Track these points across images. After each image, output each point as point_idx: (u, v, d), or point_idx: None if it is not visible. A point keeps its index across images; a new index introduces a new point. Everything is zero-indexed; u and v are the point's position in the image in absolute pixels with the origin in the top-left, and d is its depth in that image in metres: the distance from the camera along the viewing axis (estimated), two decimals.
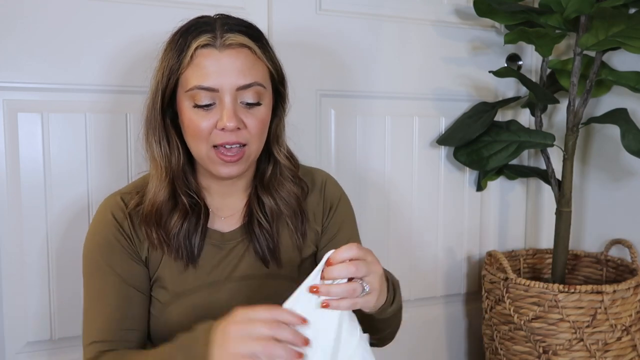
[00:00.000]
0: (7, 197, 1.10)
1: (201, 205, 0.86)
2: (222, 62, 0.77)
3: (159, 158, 0.84)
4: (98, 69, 1.14)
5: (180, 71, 0.79)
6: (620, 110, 1.32)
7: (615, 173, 1.49)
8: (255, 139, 0.82)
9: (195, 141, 0.81)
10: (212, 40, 0.78)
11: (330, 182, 0.98)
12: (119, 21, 1.15)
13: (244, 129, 0.80)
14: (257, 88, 0.80)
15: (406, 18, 1.43)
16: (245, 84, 0.78)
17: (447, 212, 1.54)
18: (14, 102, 1.09)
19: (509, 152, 1.40)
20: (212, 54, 0.78)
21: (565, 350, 1.26)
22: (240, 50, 0.79)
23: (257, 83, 0.80)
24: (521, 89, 1.57)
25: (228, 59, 0.78)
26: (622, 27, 1.22)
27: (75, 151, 1.14)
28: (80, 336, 1.19)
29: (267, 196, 0.89)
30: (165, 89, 0.81)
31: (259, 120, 0.81)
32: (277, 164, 0.89)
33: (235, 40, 0.78)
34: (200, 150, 0.81)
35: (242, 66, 0.78)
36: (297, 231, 0.90)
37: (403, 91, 1.46)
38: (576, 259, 1.54)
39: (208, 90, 0.78)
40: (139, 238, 0.85)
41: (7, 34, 1.08)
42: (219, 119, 0.78)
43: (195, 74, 0.78)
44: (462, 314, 1.62)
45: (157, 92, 0.82)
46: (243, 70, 0.78)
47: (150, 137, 0.84)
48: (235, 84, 0.78)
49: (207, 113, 0.79)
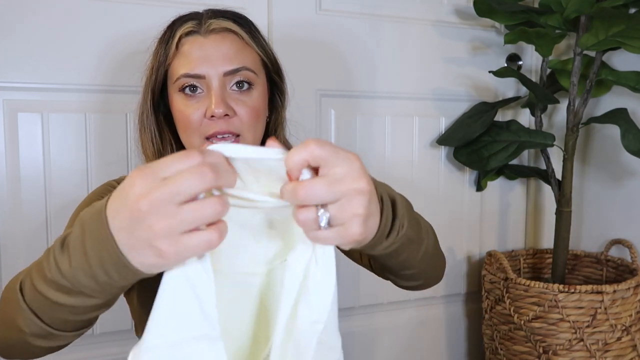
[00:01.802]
0: (7, 197, 1.10)
1: None
2: (206, 47, 0.75)
3: (151, 155, 0.81)
4: (98, 69, 1.14)
5: (167, 62, 0.77)
6: (620, 110, 1.32)
7: (615, 173, 1.49)
8: (248, 129, 0.76)
9: (187, 134, 0.77)
10: (197, 26, 0.76)
11: None
12: (119, 21, 1.15)
13: (235, 116, 0.75)
14: (245, 73, 0.76)
15: (406, 18, 1.43)
16: (232, 69, 0.75)
17: (447, 212, 1.54)
18: (14, 102, 1.10)
19: (509, 152, 1.40)
20: (196, 40, 0.75)
21: (565, 350, 1.26)
22: (225, 35, 0.76)
23: (246, 67, 0.76)
24: (521, 89, 1.57)
25: (212, 43, 0.75)
26: (622, 27, 1.22)
27: (75, 151, 1.14)
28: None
29: None
30: (155, 83, 0.79)
31: (250, 108, 0.76)
32: None
33: (219, 24, 0.76)
34: (193, 143, 0.77)
35: (228, 51, 0.75)
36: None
37: (403, 91, 1.46)
38: (576, 259, 1.54)
39: (195, 78, 0.75)
40: None
41: (7, 34, 1.08)
42: (207, 107, 0.74)
43: (182, 63, 0.75)
44: (462, 314, 1.62)
45: (147, 88, 0.80)
46: (229, 55, 0.75)
47: (143, 134, 0.82)
48: (221, 68, 0.74)
49: (197, 103, 0.75)
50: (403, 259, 0.64)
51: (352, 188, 0.45)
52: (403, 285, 0.74)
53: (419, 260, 0.66)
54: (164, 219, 0.41)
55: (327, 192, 0.44)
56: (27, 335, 0.52)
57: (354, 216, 0.45)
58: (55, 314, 0.50)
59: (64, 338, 0.54)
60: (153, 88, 0.79)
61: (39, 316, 0.51)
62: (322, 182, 0.44)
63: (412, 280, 0.72)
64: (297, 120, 0.95)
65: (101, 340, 1.20)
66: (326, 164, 0.44)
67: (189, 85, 0.75)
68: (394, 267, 0.66)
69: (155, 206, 0.41)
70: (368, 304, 1.47)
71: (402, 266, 0.66)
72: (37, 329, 0.51)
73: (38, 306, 0.50)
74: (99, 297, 0.48)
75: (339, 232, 0.45)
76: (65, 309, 0.49)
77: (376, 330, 1.50)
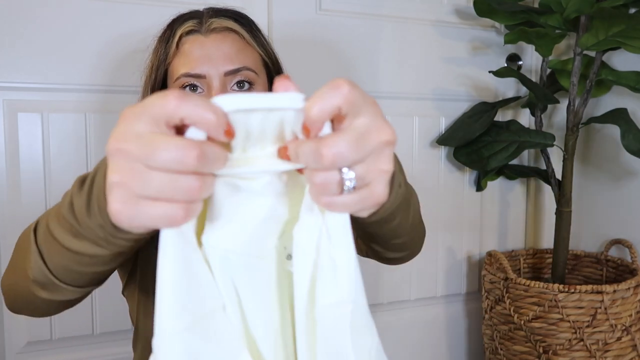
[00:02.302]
0: (7, 197, 1.10)
1: None
2: (207, 46, 0.74)
3: None
4: (98, 69, 1.14)
5: (167, 61, 0.77)
6: (620, 110, 1.32)
7: (615, 173, 1.49)
8: None
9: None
10: (198, 25, 0.75)
11: None
12: (120, 21, 1.15)
13: None
14: (246, 73, 0.75)
15: (406, 18, 1.43)
16: (233, 69, 0.74)
17: (447, 212, 1.54)
18: (14, 102, 1.09)
19: (509, 152, 1.40)
20: (197, 39, 0.75)
21: (565, 350, 1.26)
22: (226, 34, 0.75)
23: (247, 67, 0.75)
24: (521, 89, 1.57)
25: (213, 43, 0.74)
26: (622, 27, 1.22)
27: (75, 151, 1.14)
28: (80, 336, 1.19)
29: None
30: (155, 82, 0.78)
31: None
32: None
33: (220, 24, 0.75)
34: None
35: (228, 50, 0.74)
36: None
37: (403, 91, 1.46)
38: (576, 259, 1.54)
39: (195, 77, 0.74)
40: None
41: (7, 34, 1.08)
42: None
43: (182, 62, 0.75)
44: (462, 314, 1.62)
45: (147, 87, 0.80)
46: (230, 55, 0.74)
47: None
48: (222, 68, 0.74)
49: None
50: (396, 225, 0.57)
51: (379, 141, 0.37)
52: (389, 257, 0.69)
53: (409, 226, 0.61)
54: (126, 173, 0.34)
55: (356, 151, 0.36)
56: (30, 282, 0.51)
57: (380, 173, 0.38)
58: (61, 260, 0.48)
59: (65, 292, 0.51)
60: (153, 87, 0.79)
61: (45, 260, 0.49)
62: (349, 139, 0.36)
63: (400, 250, 0.67)
64: None
65: (101, 340, 1.20)
66: (351, 113, 0.37)
67: (190, 84, 0.75)
68: (385, 235, 0.60)
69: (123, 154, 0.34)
70: (368, 304, 1.47)
71: (394, 234, 0.60)
72: (40, 275, 0.50)
73: (47, 249, 0.49)
74: (104, 246, 0.45)
75: (363, 195, 0.38)
76: (71, 255, 0.47)
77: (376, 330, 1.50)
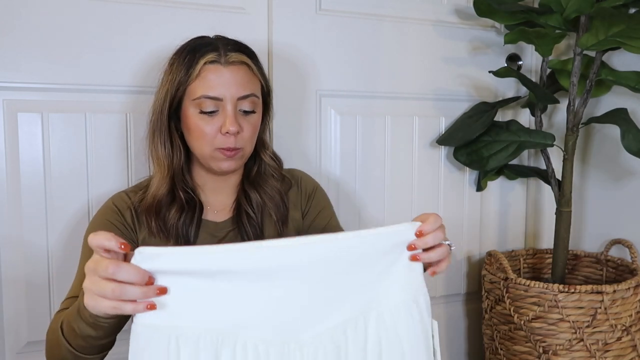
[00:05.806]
0: (7, 197, 1.10)
1: (196, 201, 0.97)
2: (226, 76, 0.91)
3: (162, 157, 0.95)
4: (98, 69, 1.14)
5: (188, 83, 0.92)
6: (620, 110, 1.32)
7: (615, 173, 1.49)
8: (248, 142, 0.96)
9: (199, 143, 0.93)
10: (218, 57, 0.91)
11: (305, 177, 1.11)
12: (119, 21, 1.15)
13: (241, 132, 0.93)
14: (253, 98, 0.94)
15: (406, 18, 1.43)
16: (245, 94, 0.93)
17: (447, 212, 1.54)
18: (14, 102, 1.10)
19: (509, 152, 1.40)
20: (217, 69, 0.91)
21: (565, 350, 1.26)
22: (240, 66, 0.93)
23: (254, 94, 0.94)
24: (521, 89, 1.57)
25: (231, 73, 0.91)
26: (622, 27, 1.22)
27: (75, 151, 1.14)
28: None
29: (253, 191, 1.01)
30: (173, 98, 0.93)
31: (252, 126, 0.95)
32: (262, 163, 1.03)
33: (237, 58, 0.93)
34: (204, 150, 0.93)
35: (241, 79, 0.92)
36: (279, 221, 1.02)
37: (403, 91, 1.46)
38: (576, 259, 1.54)
39: (213, 99, 0.91)
40: (139, 229, 0.95)
41: (6, 34, 1.08)
42: (222, 125, 0.91)
43: (203, 86, 0.91)
44: (462, 314, 1.62)
45: (165, 100, 0.94)
46: (243, 83, 0.92)
47: (156, 139, 0.96)
48: (236, 94, 0.91)
49: (211, 119, 0.92)
50: None
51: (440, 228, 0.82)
52: None
53: None
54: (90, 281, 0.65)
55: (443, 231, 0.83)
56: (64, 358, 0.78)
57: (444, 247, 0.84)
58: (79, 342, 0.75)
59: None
60: (171, 102, 0.93)
61: (70, 343, 0.76)
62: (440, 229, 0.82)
63: None
64: (296, 125, 1.00)
65: None
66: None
67: (208, 104, 0.91)
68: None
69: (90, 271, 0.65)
70: None
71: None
72: (69, 354, 0.77)
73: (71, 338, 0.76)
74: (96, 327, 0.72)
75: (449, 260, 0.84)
76: (83, 337, 0.74)
77: None
